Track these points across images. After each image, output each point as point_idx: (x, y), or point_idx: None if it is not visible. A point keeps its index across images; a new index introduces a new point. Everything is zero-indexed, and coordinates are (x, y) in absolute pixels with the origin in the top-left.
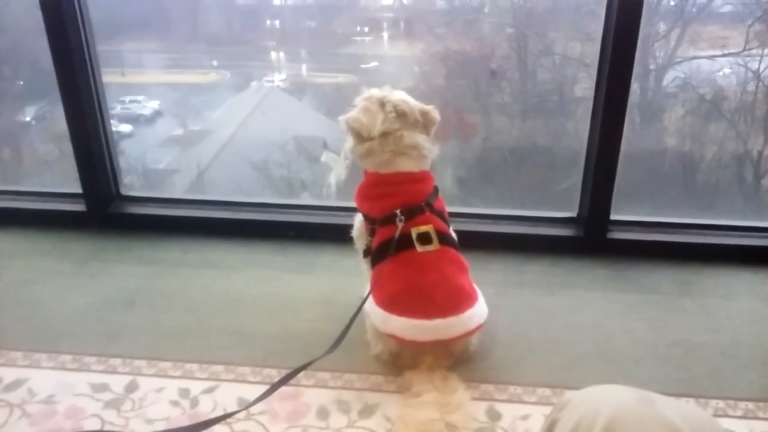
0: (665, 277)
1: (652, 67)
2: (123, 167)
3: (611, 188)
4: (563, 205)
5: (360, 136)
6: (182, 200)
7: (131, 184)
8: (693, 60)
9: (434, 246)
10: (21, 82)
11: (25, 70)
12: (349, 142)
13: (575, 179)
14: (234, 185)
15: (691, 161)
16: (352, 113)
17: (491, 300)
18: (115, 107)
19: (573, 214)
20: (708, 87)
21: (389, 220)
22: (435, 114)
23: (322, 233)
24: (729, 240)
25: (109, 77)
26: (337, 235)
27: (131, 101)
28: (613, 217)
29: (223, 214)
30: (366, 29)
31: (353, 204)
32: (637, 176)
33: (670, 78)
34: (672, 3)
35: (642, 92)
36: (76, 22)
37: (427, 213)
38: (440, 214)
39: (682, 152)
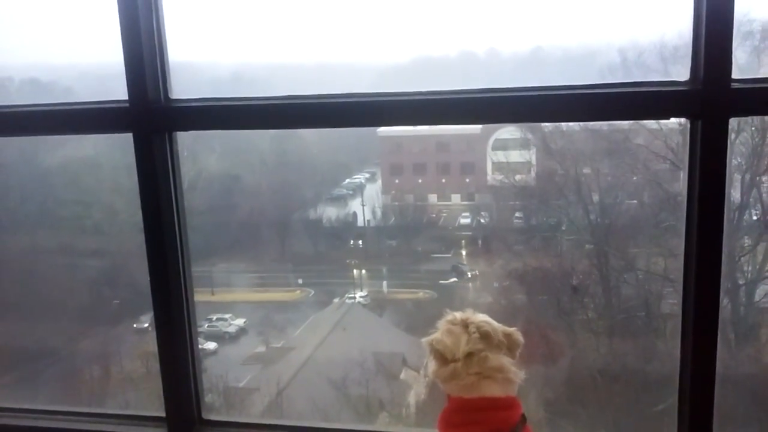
0: None
1: (741, 282)
2: (205, 385)
3: (711, 415)
4: (659, 430)
5: (443, 359)
6: (261, 425)
7: (212, 404)
8: None
9: None
10: (117, 302)
11: (122, 291)
12: (432, 366)
13: (670, 401)
14: (312, 404)
15: None
16: (435, 335)
17: None
18: (202, 325)
19: None
20: None
21: None
22: (518, 336)
23: None
24: None
25: (199, 296)
26: None
27: (218, 319)
28: None
29: None
30: (445, 247)
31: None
32: (739, 400)
33: (762, 293)
34: (755, 218)
35: (734, 308)
36: (175, 246)
37: None
38: None
39: None
